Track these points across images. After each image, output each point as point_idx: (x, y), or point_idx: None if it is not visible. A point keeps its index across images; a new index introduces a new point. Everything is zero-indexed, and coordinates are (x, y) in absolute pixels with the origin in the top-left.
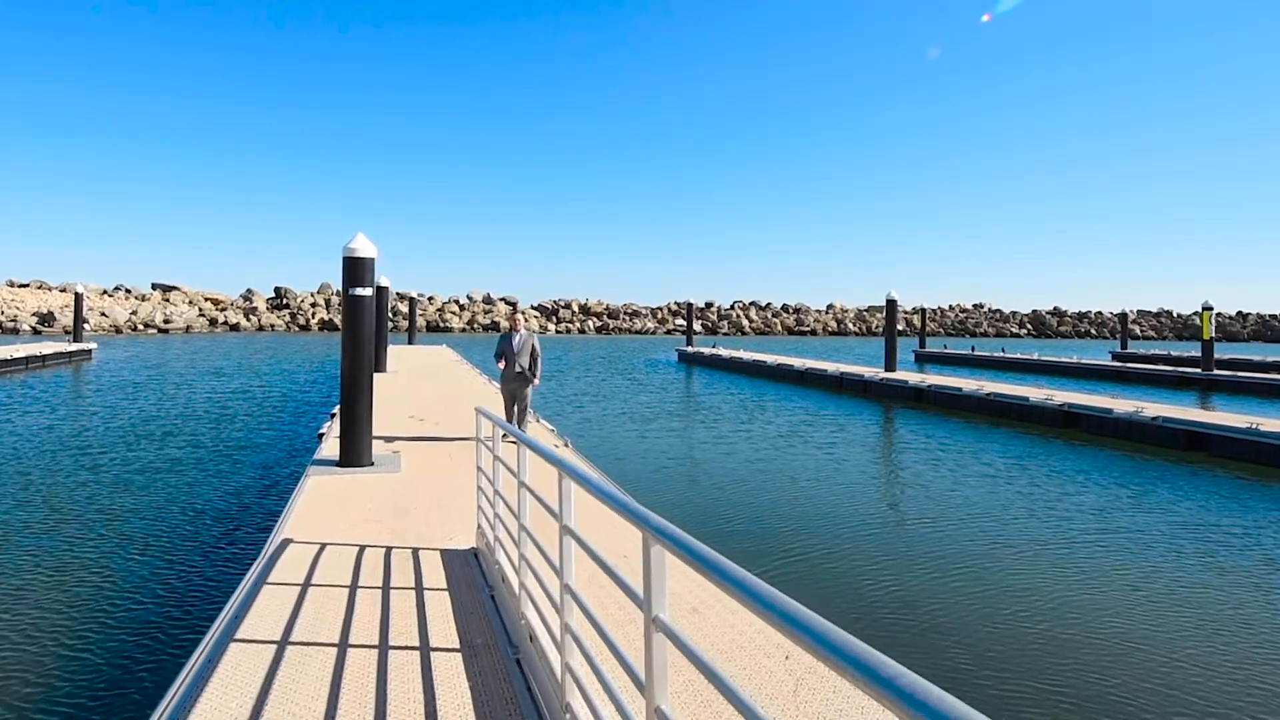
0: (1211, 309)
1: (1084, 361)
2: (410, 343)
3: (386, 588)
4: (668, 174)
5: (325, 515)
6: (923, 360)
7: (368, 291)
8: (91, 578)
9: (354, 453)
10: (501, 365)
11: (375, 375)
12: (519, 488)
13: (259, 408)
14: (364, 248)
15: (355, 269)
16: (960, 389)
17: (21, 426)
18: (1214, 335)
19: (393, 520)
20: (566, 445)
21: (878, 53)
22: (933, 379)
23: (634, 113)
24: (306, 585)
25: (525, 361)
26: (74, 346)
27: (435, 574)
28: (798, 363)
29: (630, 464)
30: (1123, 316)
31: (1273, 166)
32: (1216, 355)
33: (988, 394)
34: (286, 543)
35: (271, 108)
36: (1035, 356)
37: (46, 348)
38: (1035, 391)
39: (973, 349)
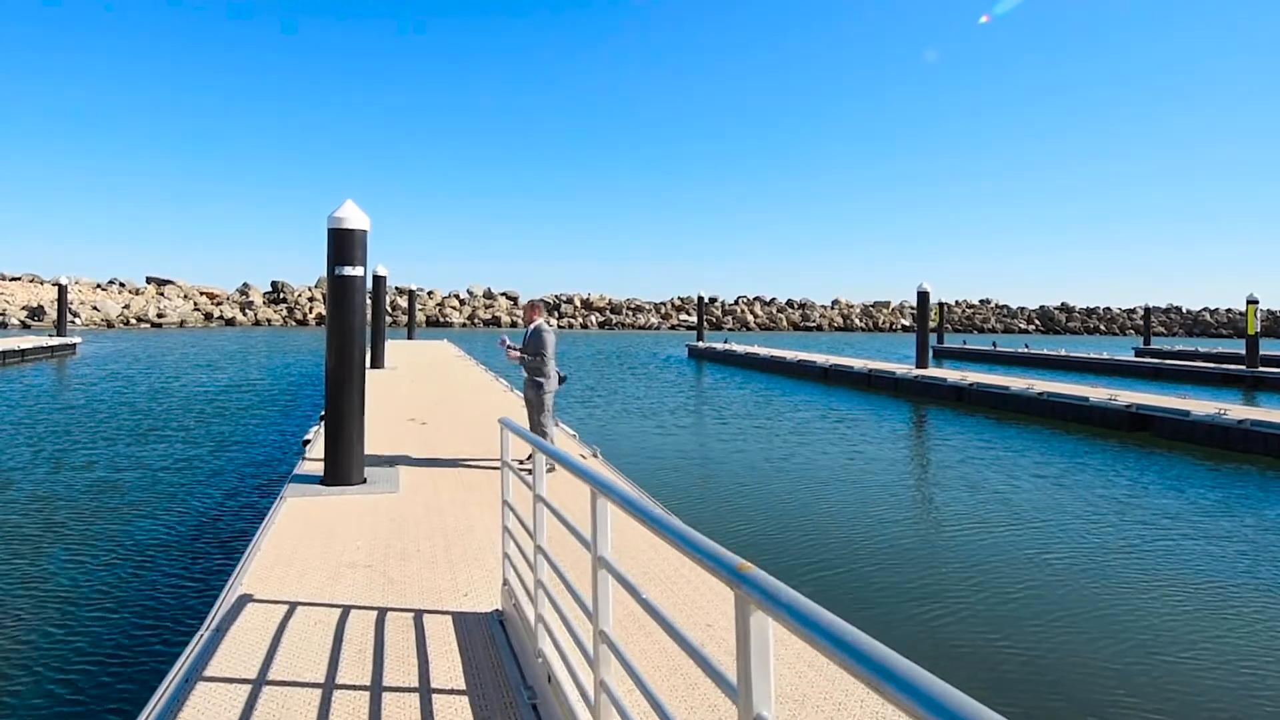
0: (1256, 302)
1: (1116, 358)
2: (410, 338)
3: (377, 688)
4: (670, 169)
5: (299, 557)
6: (941, 356)
7: (358, 271)
8: None
9: (340, 469)
10: (501, 343)
11: (372, 372)
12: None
13: (244, 408)
14: (354, 217)
15: (343, 243)
16: (1007, 388)
17: None
18: (1258, 330)
19: (387, 565)
20: (596, 455)
21: (880, 51)
22: (974, 376)
23: (635, 107)
24: (260, 683)
25: (529, 356)
26: (56, 341)
27: (447, 659)
28: (821, 359)
29: (654, 469)
30: (1147, 312)
31: (1274, 164)
32: (1221, 350)
33: (1040, 393)
34: (243, 603)
35: (270, 102)
36: (1062, 353)
37: (26, 342)
38: (1096, 391)
39: (994, 345)
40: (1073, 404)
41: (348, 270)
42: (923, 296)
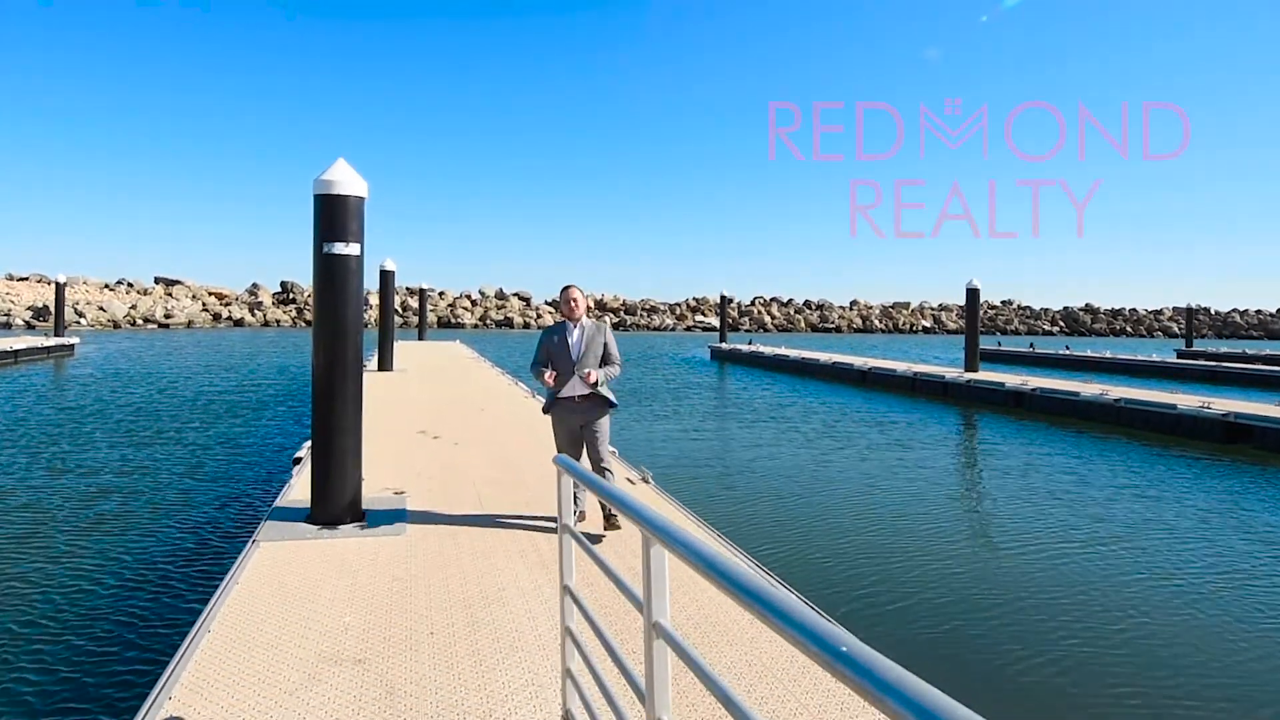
0: None
1: (1165, 361)
2: (421, 338)
3: None
4: (681, 168)
5: (264, 641)
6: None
7: (354, 249)
8: None
9: (330, 505)
10: (549, 379)
11: (380, 375)
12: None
13: (242, 412)
14: (347, 180)
15: (334, 213)
16: (1077, 393)
17: None
18: None
19: (386, 659)
20: (647, 480)
21: (886, 50)
22: (1035, 381)
23: (646, 106)
24: None
25: (594, 369)
26: (53, 341)
27: None
28: (859, 361)
29: (688, 478)
30: (1189, 312)
31: None
32: (1270, 352)
33: (1117, 400)
34: None
35: (279, 101)
36: (1106, 355)
37: (20, 342)
38: (1183, 398)
39: (1031, 346)
40: (1157, 412)
41: (339, 248)
42: (972, 294)
